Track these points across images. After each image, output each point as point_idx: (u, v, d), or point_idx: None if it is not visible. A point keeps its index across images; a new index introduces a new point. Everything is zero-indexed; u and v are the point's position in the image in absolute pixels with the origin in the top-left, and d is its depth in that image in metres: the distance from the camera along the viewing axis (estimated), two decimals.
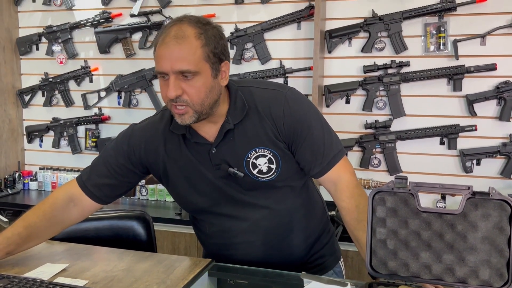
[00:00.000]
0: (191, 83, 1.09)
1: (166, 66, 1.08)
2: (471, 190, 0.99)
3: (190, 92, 1.10)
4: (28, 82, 3.09)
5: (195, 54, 1.07)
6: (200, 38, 1.08)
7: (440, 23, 2.33)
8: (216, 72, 1.12)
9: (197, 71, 1.08)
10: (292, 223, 1.27)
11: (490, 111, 2.32)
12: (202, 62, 1.09)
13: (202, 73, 1.09)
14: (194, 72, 1.08)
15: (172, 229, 2.49)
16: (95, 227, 1.58)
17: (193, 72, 1.08)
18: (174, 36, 1.08)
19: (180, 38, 1.07)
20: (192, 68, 1.07)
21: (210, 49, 1.09)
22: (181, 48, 1.07)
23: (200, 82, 1.09)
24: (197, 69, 1.08)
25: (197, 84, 1.09)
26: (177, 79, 1.09)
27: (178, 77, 1.09)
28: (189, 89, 1.09)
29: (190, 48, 1.07)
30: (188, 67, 1.07)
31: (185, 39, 1.07)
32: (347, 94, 2.48)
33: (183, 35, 1.08)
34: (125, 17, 2.82)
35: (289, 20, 2.53)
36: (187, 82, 1.09)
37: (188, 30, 1.08)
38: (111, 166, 1.27)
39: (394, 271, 1.03)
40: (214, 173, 1.21)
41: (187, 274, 1.20)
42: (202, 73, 1.09)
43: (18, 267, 1.22)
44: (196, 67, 1.08)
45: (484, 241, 0.98)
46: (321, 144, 1.19)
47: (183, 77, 1.09)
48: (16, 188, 2.98)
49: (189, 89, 1.09)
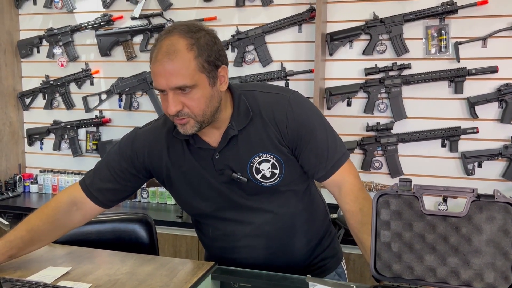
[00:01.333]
0: (190, 96, 1.08)
1: (162, 84, 1.08)
2: (476, 193, 0.98)
3: (190, 105, 1.09)
4: (29, 84, 3.09)
5: (189, 67, 1.06)
6: (193, 50, 1.07)
7: (441, 25, 2.33)
8: (213, 80, 1.11)
9: (194, 84, 1.07)
10: (295, 227, 1.27)
11: (491, 114, 2.32)
12: (197, 74, 1.07)
13: (200, 84, 1.08)
14: (191, 86, 1.07)
15: (173, 232, 2.48)
16: (97, 230, 1.58)
17: (189, 85, 1.07)
18: (166, 53, 1.06)
19: (172, 54, 1.06)
20: (188, 82, 1.06)
21: (204, 59, 1.08)
22: (174, 64, 1.05)
23: (199, 93, 1.09)
24: (194, 82, 1.07)
25: (196, 96, 1.09)
26: (175, 94, 1.08)
27: (176, 92, 1.08)
28: (189, 102, 1.09)
29: (183, 63, 1.06)
30: (184, 82, 1.06)
31: (177, 53, 1.06)
32: (349, 96, 2.48)
33: (174, 50, 1.06)
34: (126, 19, 2.83)
35: (290, 22, 2.54)
36: (186, 95, 1.08)
37: (180, 43, 1.07)
38: (114, 171, 1.26)
39: (399, 274, 1.03)
40: (218, 178, 1.21)
41: (190, 277, 1.19)
42: (200, 84, 1.08)
43: (20, 271, 1.22)
44: (192, 80, 1.07)
45: (488, 244, 0.98)
46: (325, 147, 1.19)
47: (181, 92, 1.08)
48: (17, 191, 2.98)
49: (188, 102, 1.09)
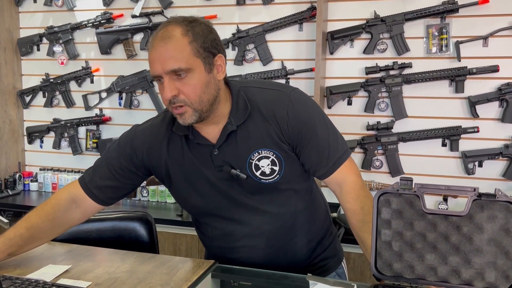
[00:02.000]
0: (186, 81, 1.08)
1: (158, 69, 1.08)
2: (477, 192, 0.98)
3: (186, 91, 1.09)
4: (29, 82, 3.08)
5: (184, 51, 1.07)
6: (187, 35, 1.08)
7: (442, 24, 2.33)
8: (210, 67, 1.11)
9: (189, 68, 1.07)
10: (295, 227, 1.26)
11: (492, 113, 2.32)
12: (192, 58, 1.08)
13: (195, 69, 1.08)
14: (186, 69, 1.07)
15: (173, 230, 2.48)
16: (97, 228, 1.58)
17: (184, 69, 1.07)
18: (161, 38, 1.08)
19: (167, 38, 1.07)
20: (183, 65, 1.07)
21: (199, 44, 1.08)
22: (168, 47, 1.07)
23: (195, 78, 1.09)
24: (188, 65, 1.07)
25: (191, 82, 1.08)
26: (171, 79, 1.08)
27: (172, 77, 1.08)
28: (185, 88, 1.09)
29: (177, 46, 1.07)
30: (178, 65, 1.07)
31: (172, 38, 1.07)
32: (349, 95, 2.48)
33: (169, 35, 1.07)
34: (127, 18, 2.82)
35: (291, 21, 2.53)
36: (181, 81, 1.08)
37: (175, 29, 1.08)
38: (114, 168, 1.26)
39: (399, 273, 1.03)
40: (217, 175, 1.20)
41: (190, 275, 1.19)
42: (195, 69, 1.08)
43: (20, 268, 1.21)
44: (186, 63, 1.07)
45: (490, 243, 0.98)
46: (326, 145, 1.18)
47: (177, 77, 1.08)
48: (17, 189, 2.98)
49: (184, 87, 1.09)
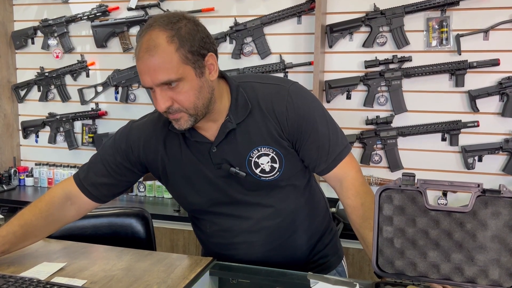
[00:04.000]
0: (178, 90, 1.05)
1: (148, 82, 1.04)
2: (481, 188, 0.97)
3: (179, 100, 1.06)
4: (24, 76, 3.05)
5: (172, 61, 1.02)
6: (173, 42, 1.02)
7: (442, 17, 2.30)
8: (201, 70, 1.07)
9: (179, 77, 1.03)
10: (295, 223, 1.24)
11: (492, 107, 2.30)
12: (181, 66, 1.03)
13: (186, 77, 1.04)
14: (176, 79, 1.03)
15: (170, 226, 2.46)
16: (93, 224, 1.55)
17: (175, 79, 1.03)
18: (146, 49, 1.02)
19: (153, 49, 1.01)
20: (173, 76, 1.03)
21: (187, 49, 1.03)
22: (155, 59, 1.01)
23: (187, 86, 1.05)
24: (178, 75, 1.03)
25: (184, 90, 1.05)
26: (163, 90, 1.05)
27: (163, 88, 1.05)
28: (178, 97, 1.05)
29: (164, 57, 1.01)
30: (168, 77, 1.02)
31: (157, 48, 1.01)
32: (348, 89, 2.46)
33: (154, 45, 1.01)
34: (122, 10, 2.78)
35: (290, 14, 2.50)
36: (173, 90, 1.05)
37: (159, 36, 1.02)
38: (109, 165, 1.23)
39: (401, 270, 1.01)
40: (215, 172, 1.18)
41: (188, 273, 1.17)
42: (186, 77, 1.04)
43: (14, 266, 1.19)
44: (176, 74, 1.03)
45: (494, 240, 0.97)
46: (326, 140, 1.16)
47: (168, 86, 1.04)
48: (12, 184, 2.95)
49: (177, 96, 1.05)
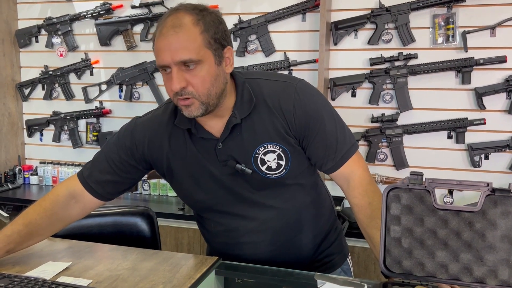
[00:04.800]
0: (195, 72, 1.04)
1: (167, 58, 1.03)
2: (491, 187, 0.95)
3: (194, 83, 1.04)
4: (28, 75, 3.05)
5: (195, 41, 1.02)
6: (199, 25, 1.03)
7: (448, 14, 2.28)
8: (219, 59, 1.07)
9: (200, 59, 1.03)
10: (301, 222, 1.23)
11: (499, 105, 2.28)
12: (203, 49, 1.03)
13: (205, 61, 1.04)
14: (196, 61, 1.03)
15: (175, 224, 2.45)
16: (98, 223, 1.55)
17: (195, 61, 1.02)
18: (172, 26, 1.02)
19: (178, 27, 1.02)
20: (194, 56, 1.02)
21: (211, 35, 1.04)
22: (180, 37, 1.01)
23: (204, 70, 1.04)
24: (199, 57, 1.03)
25: (201, 73, 1.04)
26: (180, 70, 1.03)
27: (181, 68, 1.03)
28: (194, 80, 1.04)
29: (189, 36, 1.02)
30: (189, 56, 1.02)
31: (183, 27, 1.02)
32: (353, 87, 2.44)
33: (180, 24, 1.02)
34: (126, 8, 2.77)
35: (294, 11, 2.48)
36: (190, 72, 1.03)
37: (185, 17, 1.03)
38: (113, 162, 1.22)
39: (409, 270, 1.00)
40: (221, 169, 1.17)
41: (193, 272, 1.16)
42: (205, 61, 1.04)
43: (19, 266, 1.19)
44: (198, 55, 1.02)
45: (503, 239, 0.95)
46: (333, 139, 1.15)
47: (186, 68, 1.03)
48: (17, 183, 2.95)
49: (193, 79, 1.04)
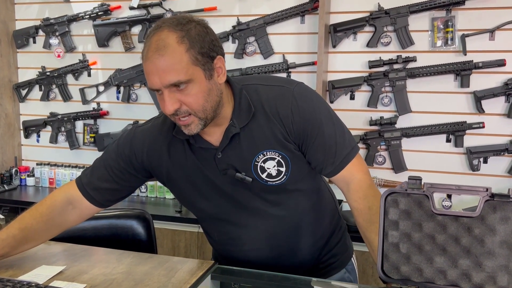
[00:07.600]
0: (186, 92, 1.02)
1: (156, 82, 1.01)
2: (490, 192, 0.94)
3: (188, 102, 1.03)
4: (25, 76, 3.04)
5: (182, 61, 1.00)
6: (184, 42, 1.00)
7: (447, 17, 2.28)
8: (210, 73, 1.05)
9: (189, 79, 1.01)
10: (301, 228, 1.22)
11: (498, 108, 2.28)
12: (191, 67, 1.01)
13: (195, 78, 1.02)
14: (186, 81, 1.01)
15: (172, 227, 2.44)
16: (93, 226, 1.53)
17: (184, 81, 1.01)
18: (156, 49, 1.00)
19: (162, 49, 0.99)
20: (182, 77, 1.00)
21: (197, 50, 1.01)
22: (166, 59, 0.99)
23: (196, 88, 1.03)
24: (188, 76, 1.01)
25: (193, 92, 1.03)
26: (171, 92, 1.02)
27: (172, 90, 1.02)
28: (186, 99, 1.03)
29: (174, 57, 0.99)
30: (178, 78, 1.00)
31: (168, 48, 0.99)
32: (352, 90, 2.44)
33: (164, 45, 0.99)
34: (124, 9, 2.77)
35: (293, 13, 2.48)
36: (182, 92, 1.02)
37: (169, 37, 1.00)
38: (112, 170, 1.22)
39: (407, 276, 0.99)
40: (221, 178, 1.16)
41: (189, 277, 1.15)
42: (195, 78, 1.02)
43: (12, 270, 1.17)
44: (186, 74, 1.00)
45: (502, 245, 0.94)
46: (333, 142, 1.14)
47: (176, 88, 1.02)
48: (13, 184, 2.94)
49: (186, 99, 1.03)
